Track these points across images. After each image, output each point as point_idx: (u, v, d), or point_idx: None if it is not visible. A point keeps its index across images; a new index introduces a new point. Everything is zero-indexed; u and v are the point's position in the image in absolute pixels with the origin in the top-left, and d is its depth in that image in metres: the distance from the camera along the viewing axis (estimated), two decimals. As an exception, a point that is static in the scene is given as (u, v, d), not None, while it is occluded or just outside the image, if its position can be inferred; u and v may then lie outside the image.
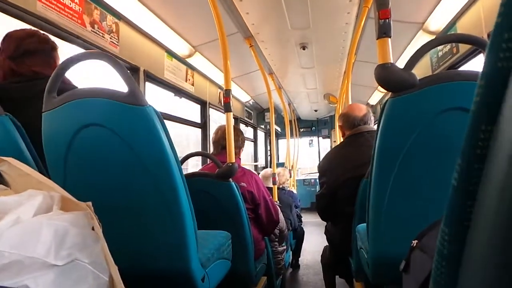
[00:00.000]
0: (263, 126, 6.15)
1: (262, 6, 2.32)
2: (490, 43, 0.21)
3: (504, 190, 0.19)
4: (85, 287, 0.37)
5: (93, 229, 0.40)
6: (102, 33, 1.92)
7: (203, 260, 1.08)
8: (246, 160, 5.90)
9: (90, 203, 0.42)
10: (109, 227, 0.99)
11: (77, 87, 1.12)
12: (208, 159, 2.38)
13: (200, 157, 3.45)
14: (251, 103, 5.18)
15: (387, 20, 0.99)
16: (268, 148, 6.60)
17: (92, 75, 2.23)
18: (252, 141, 5.89)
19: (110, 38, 2.00)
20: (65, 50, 1.63)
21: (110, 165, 0.96)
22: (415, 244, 0.72)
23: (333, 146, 6.39)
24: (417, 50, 0.95)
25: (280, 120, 6.49)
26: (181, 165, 1.74)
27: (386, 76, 0.94)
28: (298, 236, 3.51)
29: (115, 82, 1.03)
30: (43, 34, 1.29)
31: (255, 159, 5.95)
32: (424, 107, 0.92)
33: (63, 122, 0.96)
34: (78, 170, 0.98)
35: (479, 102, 0.22)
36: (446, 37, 1.15)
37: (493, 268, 0.20)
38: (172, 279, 1.03)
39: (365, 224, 1.18)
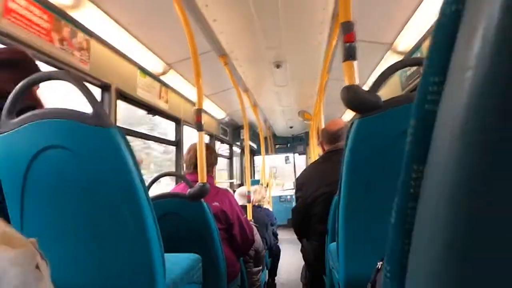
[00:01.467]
0: (238, 143, 6.15)
1: (235, 26, 2.35)
2: (419, 85, 0.22)
3: (433, 231, 0.19)
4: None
5: (37, 267, 0.37)
6: (71, 50, 1.88)
7: (171, 285, 1.04)
8: (220, 177, 5.85)
9: (34, 240, 0.39)
10: (71, 251, 0.95)
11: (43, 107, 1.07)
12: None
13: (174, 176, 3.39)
14: (227, 120, 5.18)
15: (352, 43, 1.03)
16: (243, 165, 6.59)
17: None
18: (228, 158, 5.86)
19: (80, 56, 1.96)
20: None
21: (72, 189, 0.92)
22: (380, 266, 0.72)
23: (308, 163, 6.46)
24: (382, 73, 0.98)
25: (256, 137, 6.52)
26: (152, 185, 1.72)
27: (352, 97, 0.96)
28: (274, 254, 3.47)
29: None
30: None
31: (231, 177, 5.91)
32: (388, 127, 0.94)
33: (22, 145, 0.91)
34: (36, 195, 0.94)
35: (411, 142, 0.22)
36: (408, 60, 1.21)
37: None
38: None
39: (335, 243, 1.19)
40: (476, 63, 0.17)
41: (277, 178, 7.81)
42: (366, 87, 0.97)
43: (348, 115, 4.98)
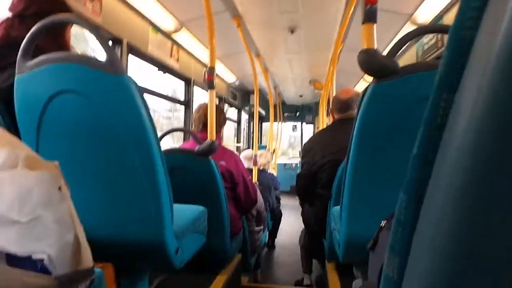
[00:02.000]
0: (247, 108, 6.13)
1: (252, -15, 2.28)
2: (457, 12, 0.21)
3: (458, 159, 0.19)
4: (48, 244, 0.37)
5: (59, 189, 0.39)
6: (83, 1, 1.84)
7: (178, 233, 1.09)
8: (228, 141, 5.89)
9: (57, 163, 0.41)
10: (82, 194, 0.98)
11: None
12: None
13: (182, 136, 3.42)
14: (237, 84, 5.13)
15: (374, 5, 0.99)
16: (251, 130, 6.60)
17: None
18: (236, 123, 5.87)
19: (92, 6, 1.93)
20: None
21: (85, 134, 0.94)
22: (384, 224, 0.75)
23: (314, 133, 6.45)
24: (400, 39, 0.96)
25: (265, 103, 6.48)
26: (162, 139, 1.74)
27: (369, 61, 0.95)
28: (276, 217, 3.56)
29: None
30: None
31: (238, 141, 5.94)
32: (403, 94, 0.93)
33: (37, 88, 0.93)
34: (51, 137, 0.96)
35: (442, 71, 0.23)
36: (426, 27, 1.16)
37: (442, 236, 0.20)
38: (145, 250, 1.04)
39: (339, 206, 1.21)
40: None
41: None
42: None
43: (361, 86, 4.89)
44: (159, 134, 1.47)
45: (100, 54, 0.92)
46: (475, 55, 0.20)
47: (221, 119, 1.96)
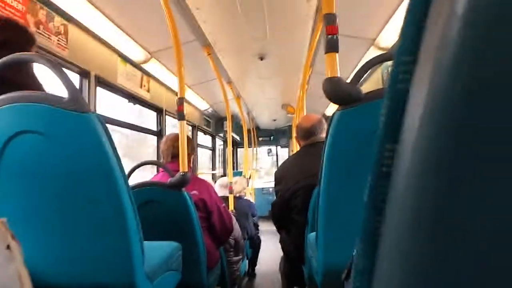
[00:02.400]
0: (221, 135, 6.12)
1: (219, 16, 2.33)
2: (392, 66, 0.22)
3: (403, 207, 0.20)
4: (-7, 313, 0.34)
5: (8, 248, 0.36)
6: (48, 35, 1.82)
7: (150, 273, 1.04)
8: (203, 168, 5.82)
9: (4, 220, 0.38)
10: (46, 240, 0.93)
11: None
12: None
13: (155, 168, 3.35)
14: (210, 111, 5.14)
15: (335, 36, 1.03)
16: (226, 157, 6.57)
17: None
18: (210, 150, 5.83)
19: (58, 40, 1.90)
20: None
21: (47, 175, 0.90)
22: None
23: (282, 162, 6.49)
24: (362, 66, 0.99)
25: (239, 129, 6.51)
26: (132, 173, 1.69)
27: (333, 89, 0.97)
28: (255, 244, 3.50)
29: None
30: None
31: (213, 168, 5.89)
32: (368, 120, 0.96)
33: None
34: (10, 182, 0.91)
35: (384, 122, 0.23)
36: (387, 54, 1.22)
37: (397, 281, 0.20)
38: None
39: (315, 233, 1.21)
40: (442, 43, 0.17)
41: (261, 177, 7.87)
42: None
43: (331, 109, 5.02)
44: (127, 169, 1.43)
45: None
46: (410, 107, 0.21)
47: (189, 149, 1.94)
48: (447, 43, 0.17)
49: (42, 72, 0.98)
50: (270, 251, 4.26)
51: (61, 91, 0.88)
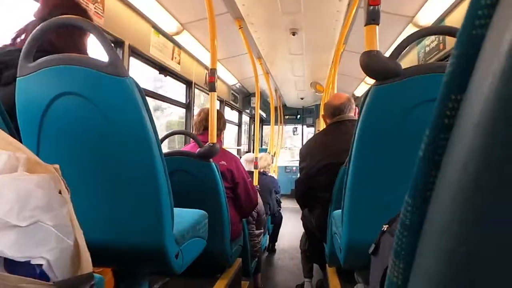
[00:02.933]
0: (248, 111, 6.13)
1: (254, -13, 2.28)
2: (467, 10, 0.21)
3: (467, 160, 0.19)
4: (48, 249, 0.36)
5: (60, 193, 0.39)
6: (86, 2, 1.84)
7: (178, 237, 1.08)
8: (229, 143, 5.89)
9: (57, 166, 0.41)
10: (83, 197, 0.98)
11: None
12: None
13: (183, 139, 3.42)
14: (238, 86, 5.13)
15: (377, 6, 0.99)
16: (252, 133, 6.60)
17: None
18: (236, 125, 5.87)
19: (95, 8, 1.93)
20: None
21: (86, 136, 0.94)
22: (385, 229, 0.74)
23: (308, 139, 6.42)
24: (403, 40, 0.95)
25: (266, 106, 6.48)
26: (163, 142, 1.74)
27: (371, 63, 0.94)
28: (276, 221, 3.55)
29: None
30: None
31: (239, 143, 5.94)
32: (406, 97, 0.93)
33: (38, 89, 0.92)
34: (52, 139, 0.95)
35: (452, 72, 0.22)
36: (429, 28, 1.16)
37: (450, 238, 0.20)
38: (145, 254, 1.03)
39: (340, 210, 1.21)
40: None
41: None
42: None
43: (361, 89, 4.89)
44: (161, 136, 1.46)
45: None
46: (484, 54, 0.20)
47: (221, 124, 1.97)
48: None
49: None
50: (291, 228, 4.32)
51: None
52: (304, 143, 7.40)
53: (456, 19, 2.18)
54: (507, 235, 0.17)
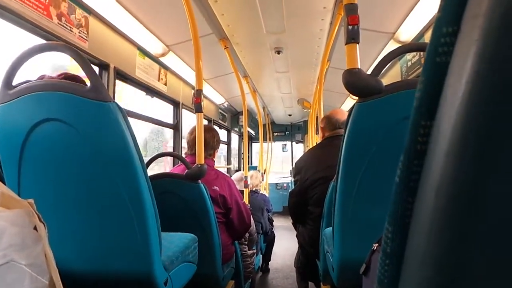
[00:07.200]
0: (237, 129, 6.14)
1: (237, 8, 2.32)
2: (430, 38, 0.21)
3: (439, 188, 0.19)
4: (21, 290, 0.34)
5: (35, 228, 0.37)
6: (70, 27, 1.84)
7: (167, 263, 1.05)
8: (218, 163, 5.85)
9: (32, 201, 0.39)
10: (67, 226, 0.95)
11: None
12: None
13: (172, 159, 3.39)
14: (226, 105, 5.15)
15: (356, 26, 1.01)
16: (242, 151, 6.59)
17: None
18: (225, 144, 5.86)
19: (79, 33, 1.93)
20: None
21: (69, 162, 0.92)
22: (375, 247, 0.73)
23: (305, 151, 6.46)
24: (383, 58, 0.97)
25: (254, 124, 6.50)
26: (150, 164, 1.71)
27: (353, 81, 0.95)
28: (269, 240, 3.51)
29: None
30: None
31: (228, 162, 5.92)
32: (388, 113, 0.94)
33: (19, 116, 0.90)
34: (34, 167, 0.93)
35: (420, 98, 0.22)
36: (408, 45, 1.20)
37: (428, 266, 0.20)
38: (133, 282, 1.00)
39: (331, 228, 1.20)
40: (486, 10, 0.16)
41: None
42: None
43: (348, 104, 4.96)
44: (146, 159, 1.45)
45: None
46: (450, 81, 0.20)
47: (214, 142, 1.94)
48: (489, 12, 0.16)
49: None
50: (284, 246, 4.26)
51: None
52: (293, 159, 7.45)
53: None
54: (482, 263, 0.17)
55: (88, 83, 0.97)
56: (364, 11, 1.00)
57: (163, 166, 4.76)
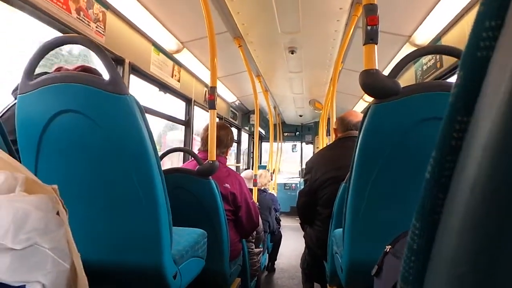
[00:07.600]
0: (247, 128, 6.14)
1: (253, 7, 2.32)
2: (471, 32, 0.21)
3: (475, 184, 0.19)
4: (44, 273, 0.35)
5: (58, 214, 0.38)
6: (87, 21, 1.87)
7: (176, 257, 1.06)
8: (229, 160, 5.87)
9: (56, 187, 0.40)
10: (80, 216, 0.96)
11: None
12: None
13: (182, 155, 3.41)
14: (237, 104, 5.16)
15: (375, 26, 1.00)
16: (251, 150, 6.59)
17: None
18: (236, 142, 5.87)
19: (96, 27, 1.95)
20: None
21: (85, 153, 0.93)
22: (388, 249, 0.72)
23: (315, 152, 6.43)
24: (401, 59, 0.96)
25: (265, 123, 6.50)
26: (162, 159, 1.73)
27: (370, 82, 0.95)
28: (276, 239, 3.50)
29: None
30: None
31: (238, 160, 5.93)
32: (405, 115, 0.93)
33: (39, 106, 0.92)
34: (51, 157, 0.95)
35: (457, 93, 0.22)
36: (428, 47, 1.18)
37: (458, 264, 0.19)
38: (143, 274, 1.01)
39: (341, 229, 1.19)
40: None
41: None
42: None
43: (360, 106, 4.93)
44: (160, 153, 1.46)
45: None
46: (491, 77, 0.19)
47: (228, 140, 1.95)
48: None
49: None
50: (291, 247, 4.25)
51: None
52: (303, 160, 7.43)
53: (452, 39, 2.21)
54: None
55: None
56: (380, 13, 0.99)
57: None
